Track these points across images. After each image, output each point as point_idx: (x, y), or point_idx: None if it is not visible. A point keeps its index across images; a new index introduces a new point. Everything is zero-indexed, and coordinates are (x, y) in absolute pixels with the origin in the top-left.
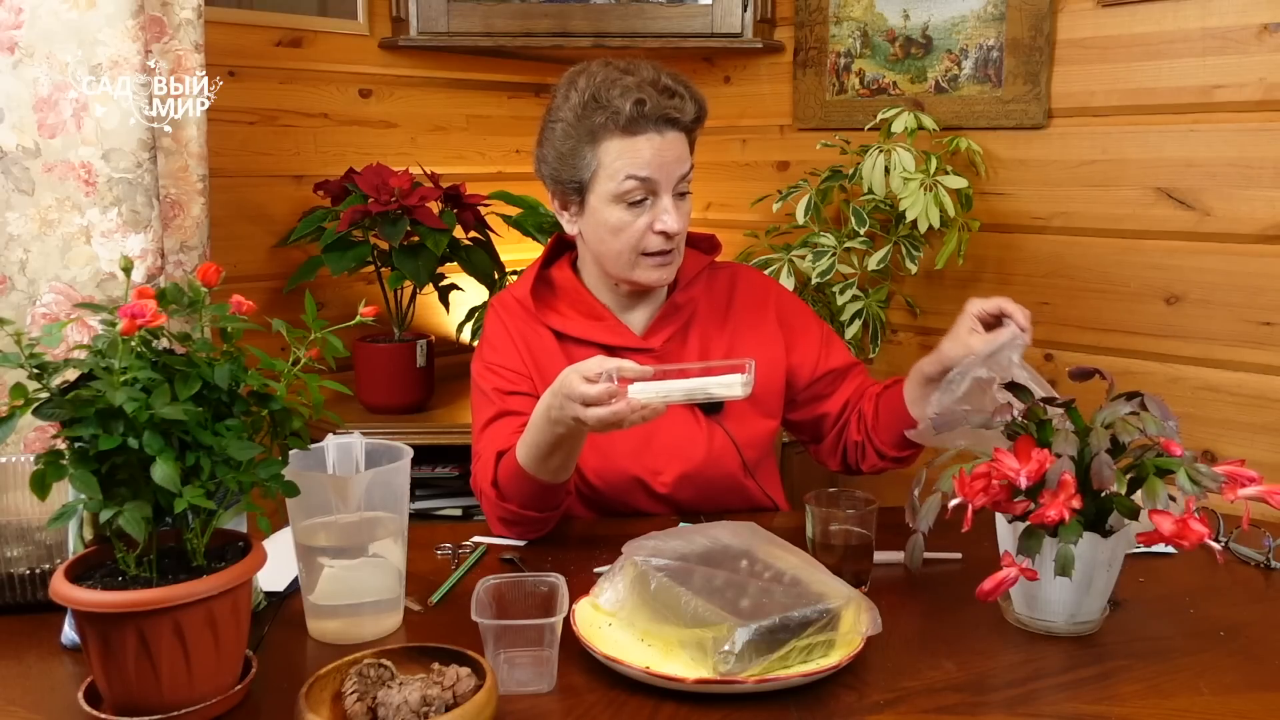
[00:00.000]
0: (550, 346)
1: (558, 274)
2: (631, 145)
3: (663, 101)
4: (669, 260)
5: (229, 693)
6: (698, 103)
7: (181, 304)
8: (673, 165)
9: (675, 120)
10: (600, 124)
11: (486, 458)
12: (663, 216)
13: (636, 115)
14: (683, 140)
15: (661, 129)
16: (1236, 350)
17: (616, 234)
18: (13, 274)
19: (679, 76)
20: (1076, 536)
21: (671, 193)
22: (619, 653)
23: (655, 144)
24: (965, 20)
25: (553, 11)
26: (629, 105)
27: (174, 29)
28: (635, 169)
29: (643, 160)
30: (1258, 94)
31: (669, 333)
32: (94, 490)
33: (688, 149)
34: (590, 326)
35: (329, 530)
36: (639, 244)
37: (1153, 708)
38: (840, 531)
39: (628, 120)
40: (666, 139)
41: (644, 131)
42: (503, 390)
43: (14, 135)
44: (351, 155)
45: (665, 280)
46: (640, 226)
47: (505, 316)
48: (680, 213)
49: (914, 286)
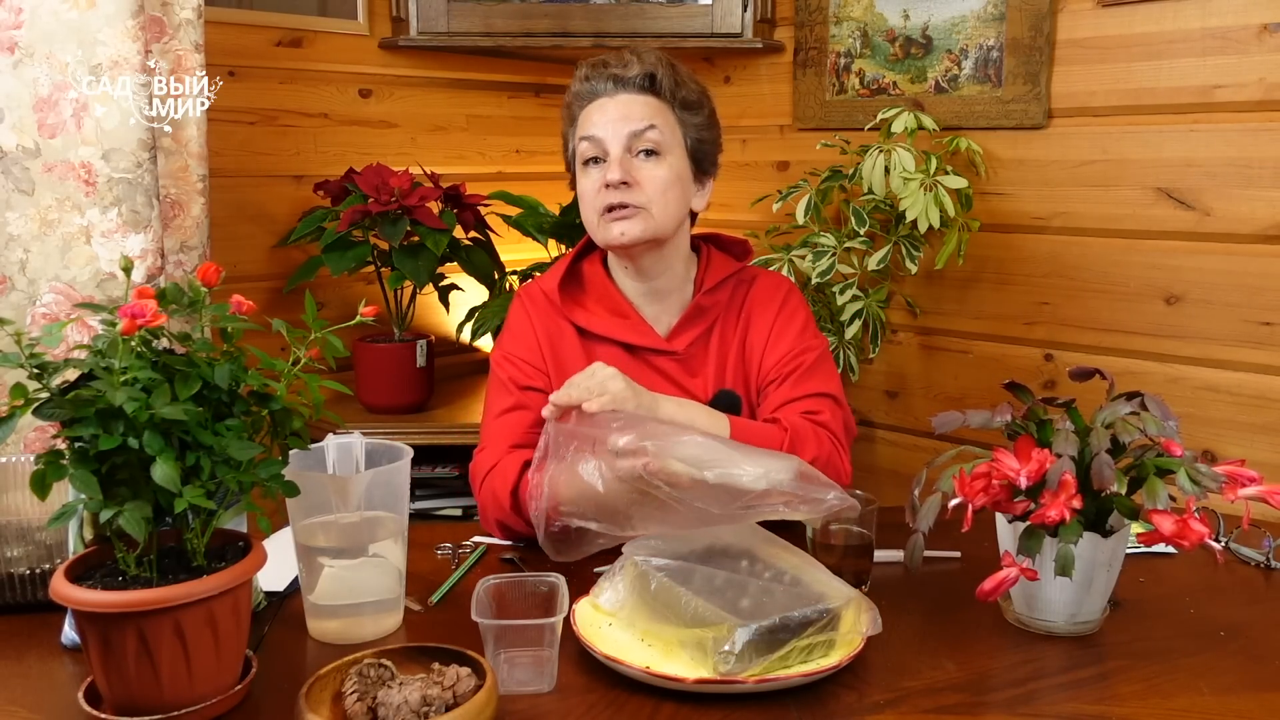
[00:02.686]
0: (572, 342)
1: (588, 268)
2: (586, 113)
3: (610, 66)
4: (625, 215)
5: (229, 693)
6: (649, 63)
7: (181, 304)
8: (619, 121)
9: (620, 79)
10: (570, 104)
11: (506, 464)
12: (610, 168)
13: (583, 86)
14: (639, 100)
15: (612, 91)
16: (1236, 350)
17: (584, 199)
18: (13, 274)
19: (643, 48)
20: (1076, 536)
21: (624, 148)
22: (619, 653)
23: (602, 105)
24: (965, 20)
25: (553, 11)
26: (579, 81)
27: (174, 29)
28: (585, 130)
29: (590, 121)
30: (1258, 94)
31: (693, 335)
32: (94, 490)
33: (652, 110)
34: (614, 324)
35: (329, 530)
36: (597, 202)
37: (1153, 708)
38: (840, 531)
39: (576, 94)
40: (616, 99)
41: (595, 97)
42: (518, 383)
43: (14, 135)
44: (351, 155)
45: (625, 235)
46: (594, 183)
47: (530, 308)
48: (640, 171)
49: (914, 286)
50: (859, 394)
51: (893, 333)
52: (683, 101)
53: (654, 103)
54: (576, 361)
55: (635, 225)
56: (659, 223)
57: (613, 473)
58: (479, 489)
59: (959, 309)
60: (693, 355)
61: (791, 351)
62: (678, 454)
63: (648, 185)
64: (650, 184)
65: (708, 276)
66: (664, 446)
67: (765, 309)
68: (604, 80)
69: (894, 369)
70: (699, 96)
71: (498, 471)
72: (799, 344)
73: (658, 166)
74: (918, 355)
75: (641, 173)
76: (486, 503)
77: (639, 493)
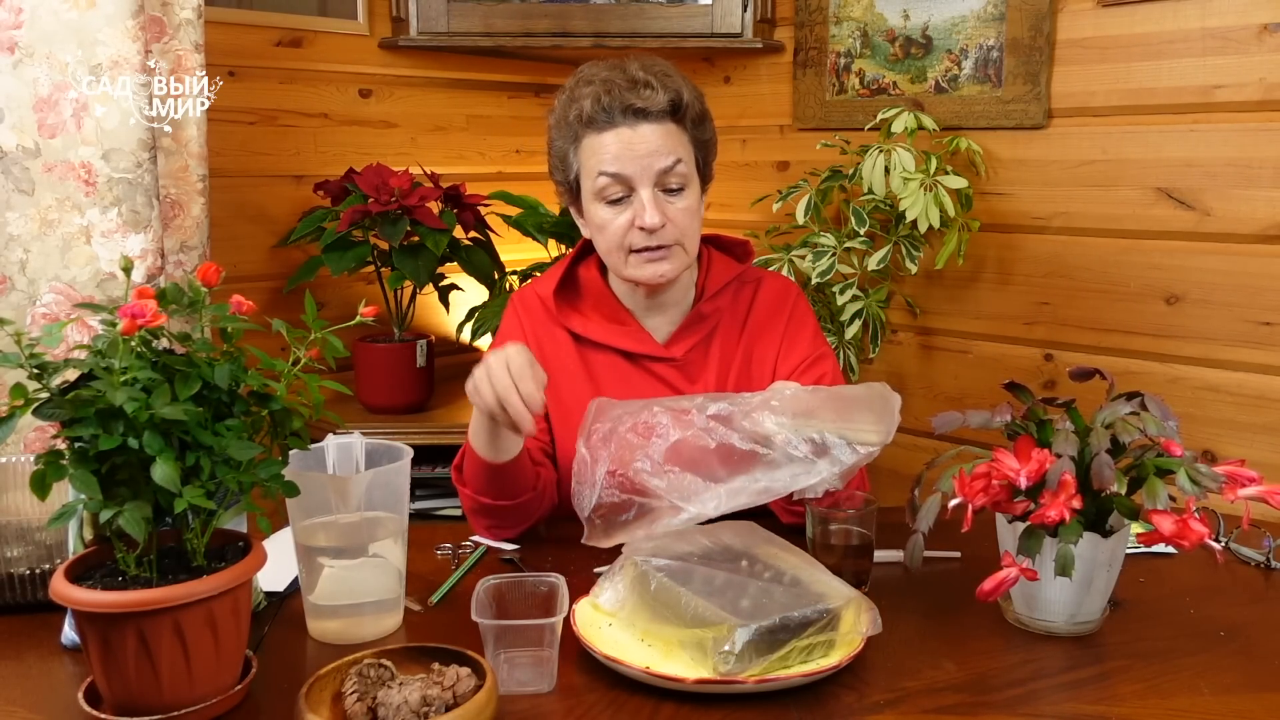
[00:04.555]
0: (566, 350)
1: (584, 273)
2: (600, 142)
3: (626, 95)
4: (661, 256)
5: (229, 693)
6: (673, 90)
7: (181, 304)
8: (646, 158)
9: (644, 111)
10: (573, 123)
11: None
12: (641, 212)
13: (597, 111)
14: (663, 131)
15: (632, 122)
16: (1236, 350)
17: (602, 232)
18: (13, 274)
19: (655, 66)
20: (1076, 536)
21: (653, 186)
22: (619, 653)
23: (624, 138)
24: (965, 20)
25: (553, 11)
26: (589, 103)
27: (174, 29)
28: (604, 165)
29: (610, 155)
30: (1258, 94)
31: (692, 342)
32: (94, 490)
33: (674, 140)
34: (611, 331)
35: (329, 530)
36: (624, 241)
37: (1153, 708)
38: (840, 531)
39: (589, 118)
40: (639, 132)
41: (612, 126)
42: None
43: (14, 135)
44: (351, 155)
45: (664, 276)
46: (623, 224)
47: (523, 313)
48: (670, 207)
49: (914, 286)
50: None
51: (893, 333)
52: (694, 120)
53: (674, 131)
54: (568, 369)
55: (672, 265)
56: (690, 255)
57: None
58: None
59: (959, 309)
60: (692, 361)
61: (805, 360)
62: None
63: (679, 220)
64: (680, 219)
65: (709, 282)
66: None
67: (774, 317)
68: (622, 112)
69: (894, 369)
70: (703, 107)
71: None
72: (812, 351)
73: (684, 199)
74: (917, 355)
75: (671, 210)
76: (462, 502)
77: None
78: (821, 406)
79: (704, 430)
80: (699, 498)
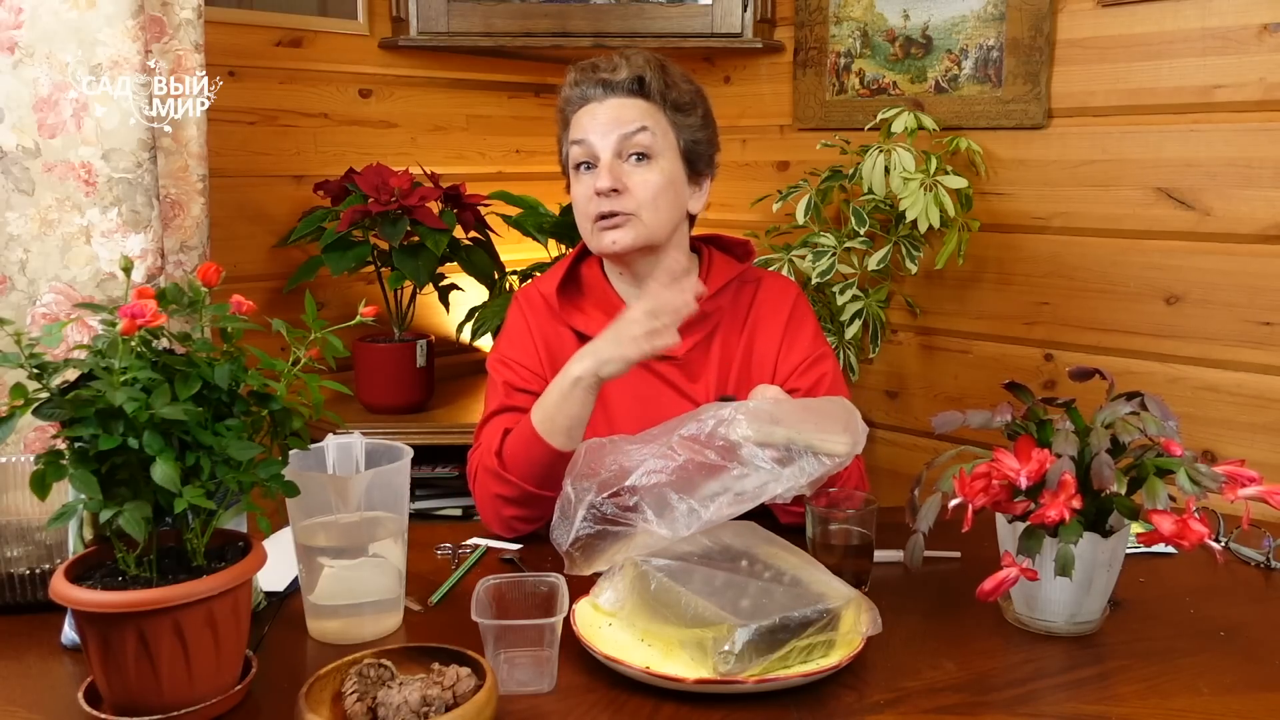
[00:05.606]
0: (570, 347)
1: (587, 271)
2: (576, 118)
3: (597, 70)
4: (616, 223)
5: (229, 693)
6: (638, 66)
7: (181, 304)
8: (608, 125)
9: (609, 83)
10: (561, 108)
11: (489, 441)
12: (600, 176)
13: (573, 91)
14: (628, 103)
15: (601, 95)
16: (1236, 350)
17: (576, 206)
18: (13, 274)
19: (633, 50)
20: (1076, 536)
21: (614, 153)
22: (619, 653)
23: (592, 109)
24: (965, 20)
25: (553, 11)
26: (568, 86)
27: (174, 29)
28: (575, 134)
29: (581, 126)
30: (1258, 94)
31: (693, 341)
32: (94, 490)
33: (641, 112)
34: None
35: (329, 530)
36: (587, 209)
37: (1153, 708)
38: (840, 531)
39: (567, 98)
40: (605, 104)
41: (585, 102)
42: (513, 385)
43: (14, 135)
44: (351, 155)
45: (616, 244)
46: (586, 191)
47: (528, 311)
48: (630, 177)
49: (914, 286)
50: (859, 394)
51: (893, 333)
52: (674, 103)
53: (644, 105)
54: None
55: (626, 234)
56: (650, 229)
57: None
58: (474, 484)
59: (959, 309)
60: (693, 360)
61: (805, 360)
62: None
63: (638, 191)
64: (641, 189)
65: (710, 280)
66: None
67: (774, 316)
68: (593, 85)
69: (894, 369)
70: (691, 97)
71: (484, 449)
72: (813, 350)
73: (649, 171)
74: (918, 355)
75: (632, 178)
76: (481, 495)
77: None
78: (789, 417)
79: (676, 448)
80: (670, 519)
